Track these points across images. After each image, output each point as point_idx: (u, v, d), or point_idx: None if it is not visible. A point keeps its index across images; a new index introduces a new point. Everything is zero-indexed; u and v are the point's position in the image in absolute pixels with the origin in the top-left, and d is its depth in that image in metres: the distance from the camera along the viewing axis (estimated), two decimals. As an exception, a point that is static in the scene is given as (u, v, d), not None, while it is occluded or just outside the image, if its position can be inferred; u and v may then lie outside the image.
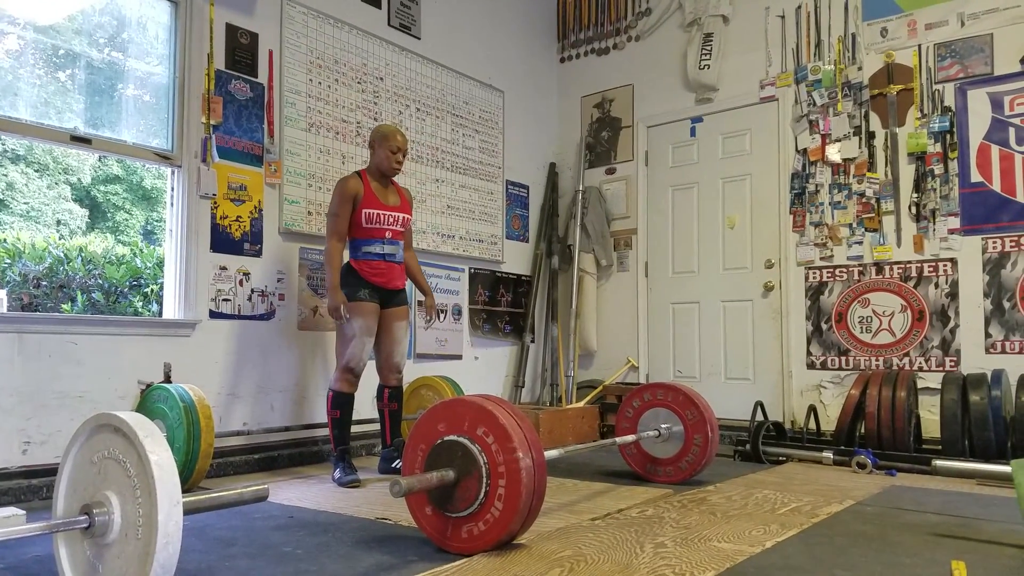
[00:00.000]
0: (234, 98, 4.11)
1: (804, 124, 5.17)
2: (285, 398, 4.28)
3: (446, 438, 2.40)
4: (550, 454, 2.72)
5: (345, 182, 3.73)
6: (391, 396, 3.96)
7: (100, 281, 5.02)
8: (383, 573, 2.18)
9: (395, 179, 3.97)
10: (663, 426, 3.65)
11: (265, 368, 4.20)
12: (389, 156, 3.77)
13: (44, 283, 4.71)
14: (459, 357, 5.42)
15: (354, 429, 4.59)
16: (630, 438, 3.61)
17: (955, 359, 4.56)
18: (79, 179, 10.57)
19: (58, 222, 9.97)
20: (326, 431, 4.41)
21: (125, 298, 5.12)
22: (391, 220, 3.80)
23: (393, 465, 3.86)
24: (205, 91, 3.98)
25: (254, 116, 4.20)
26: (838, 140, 5.03)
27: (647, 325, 5.90)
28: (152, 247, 5.67)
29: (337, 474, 3.64)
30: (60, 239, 6.14)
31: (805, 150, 5.16)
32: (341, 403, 3.76)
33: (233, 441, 3.96)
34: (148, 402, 3.52)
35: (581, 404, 5.60)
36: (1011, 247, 4.43)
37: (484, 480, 2.31)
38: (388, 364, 3.93)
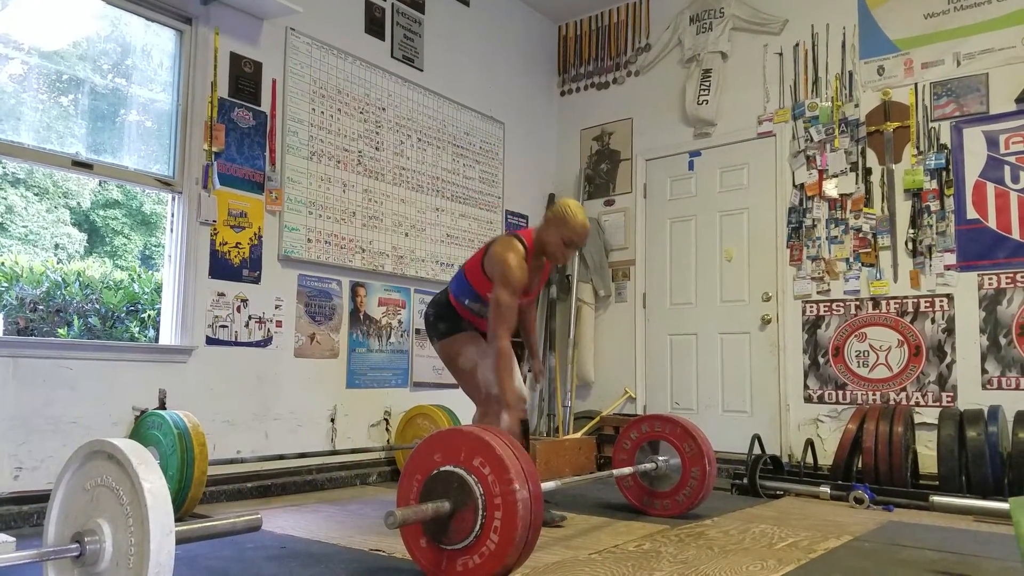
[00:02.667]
0: (237, 126, 4.15)
1: (801, 160, 5.21)
2: (280, 426, 4.25)
3: (442, 468, 2.38)
4: (547, 486, 2.70)
5: (518, 270, 3.13)
6: (522, 430, 3.42)
7: (97, 306, 5.01)
8: (376, 606, 2.15)
9: None
10: (661, 459, 3.63)
11: (261, 395, 4.18)
12: (562, 248, 3.26)
13: (41, 307, 4.70)
14: (456, 386, 5.38)
15: (348, 458, 4.58)
16: (627, 470, 3.58)
17: (952, 394, 4.56)
18: (78, 203, 10.59)
19: (56, 246, 9.97)
20: (320, 460, 4.39)
21: (122, 323, 5.10)
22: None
23: None
24: (208, 118, 4.01)
25: (256, 144, 4.23)
26: (835, 176, 5.07)
27: (645, 356, 5.89)
28: (150, 272, 5.67)
29: None
30: (58, 263, 6.13)
31: (802, 185, 5.20)
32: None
33: (227, 469, 3.93)
34: (142, 428, 3.49)
35: (578, 435, 5.57)
36: (1007, 283, 4.44)
37: (480, 512, 2.28)
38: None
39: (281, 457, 4.16)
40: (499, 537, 2.25)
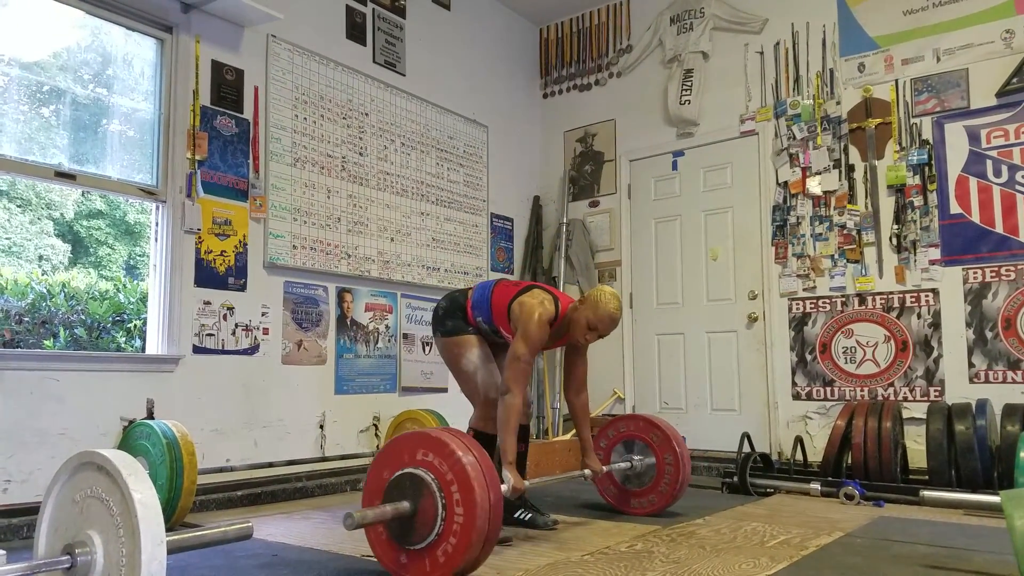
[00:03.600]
0: (219, 133, 4.13)
1: (784, 157, 5.24)
2: (269, 434, 4.24)
3: (392, 478, 2.39)
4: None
5: (538, 328, 3.15)
6: (520, 436, 3.36)
7: (83, 317, 4.97)
8: (370, 612, 2.15)
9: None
10: (635, 458, 3.67)
11: (249, 403, 4.16)
12: (584, 330, 3.21)
13: (26, 319, 4.66)
14: (444, 390, 5.39)
15: (338, 465, 4.57)
16: (602, 469, 3.60)
17: (939, 389, 4.59)
18: (62, 214, 10.51)
19: (40, 257, 9.88)
20: (309, 467, 4.38)
21: (108, 334, 5.06)
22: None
23: (515, 516, 3.33)
24: (190, 127, 3.99)
25: (239, 151, 4.22)
26: (818, 173, 5.10)
27: (633, 356, 5.90)
28: (135, 282, 5.63)
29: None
30: (43, 275, 6.08)
31: (786, 183, 5.23)
32: (485, 445, 3.07)
33: (216, 478, 3.91)
34: (131, 439, 3.47)
35: (567, 436, 5.57)
36: (991, 277, 4.48)
37: (438, 494, 2.30)
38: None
39: (271, 465, 4.15)
40: (464, 509, 2.27)
